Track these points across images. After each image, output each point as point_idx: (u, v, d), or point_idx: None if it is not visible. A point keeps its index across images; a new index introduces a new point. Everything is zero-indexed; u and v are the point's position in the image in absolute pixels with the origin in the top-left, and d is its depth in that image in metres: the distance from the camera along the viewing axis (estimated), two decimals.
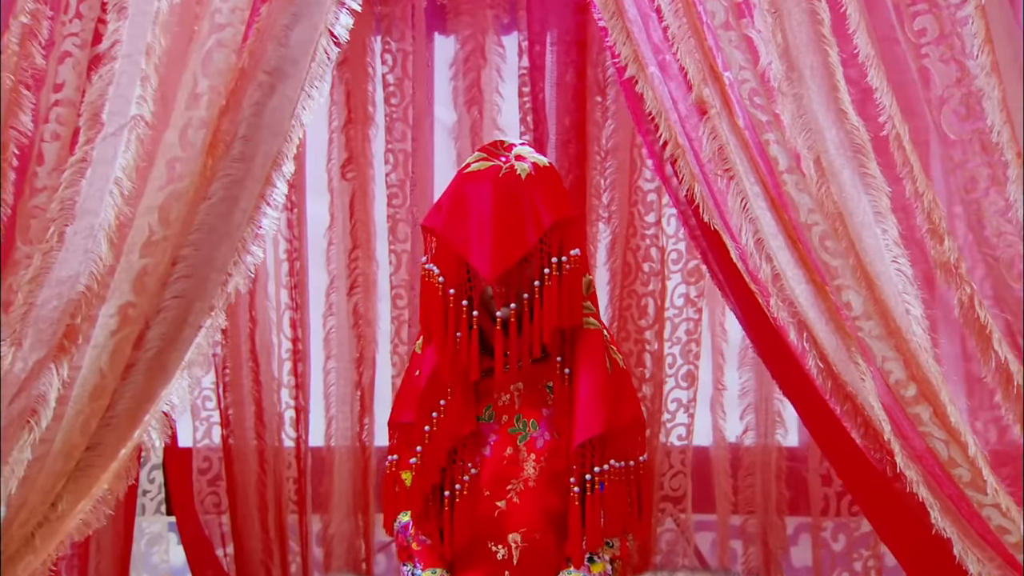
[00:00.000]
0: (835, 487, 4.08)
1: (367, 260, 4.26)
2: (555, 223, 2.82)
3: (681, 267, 4.11)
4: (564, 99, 4.12)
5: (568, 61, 4.12)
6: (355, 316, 4.25)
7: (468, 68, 4.21)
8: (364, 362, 4.26)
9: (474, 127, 4.21)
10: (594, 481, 2.84)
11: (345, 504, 4.29)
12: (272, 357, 4.30)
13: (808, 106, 2.77)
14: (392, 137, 4.24)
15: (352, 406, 4.28)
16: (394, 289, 4.25)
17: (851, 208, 2.75)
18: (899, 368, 2.72)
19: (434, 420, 2.88)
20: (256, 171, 2.93)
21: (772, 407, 4.09)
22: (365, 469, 4.28)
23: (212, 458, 4.39)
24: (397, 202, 4.24)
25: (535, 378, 2.91)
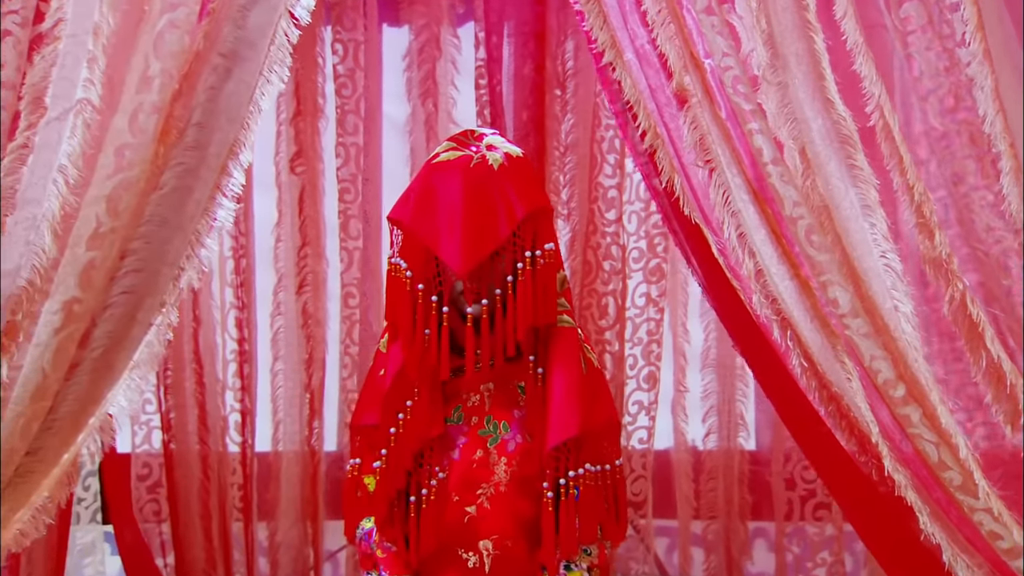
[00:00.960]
0: (799, 491, 4.00)
1: (317, 258, 4.12)
2: (529, 215, 2.69)
3: (643, 266, 4.01)
4: (522, 93, 4.01)
5: (526, 53, 4.01)
6: (304, 316, 4.11)
7: (422, 60, 4.09)
8: (314, 364, 4.11)
9: (429, 121, 4.08)
10: (569, 486, 2.71)
11: (293, 511, 4.15)
12: (216, 358, 4.16)
13: (793, 95, 2.67)
14: (344, 130, 4.10)
15: (301, 409, 4.13)
16: (345, 288, 4.12)
17: (837, 201, 2.65)
18: (888, 367, 2.62)
19: (400, 422, 2.75)
20: (211, 160, 2.79)
21: (735, 410, 4.00)
22: (314, 475, 4.14)
23: (152, 464, 4.23)
24: (349, 197, 4.11)
25: (506, 378, 2.78)
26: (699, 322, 4.00)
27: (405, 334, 2.71)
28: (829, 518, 3.96)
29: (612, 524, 2.76)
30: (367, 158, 4.08)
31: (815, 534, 4.00)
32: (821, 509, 3.98)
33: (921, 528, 2.61)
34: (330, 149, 4.12)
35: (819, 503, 3.98)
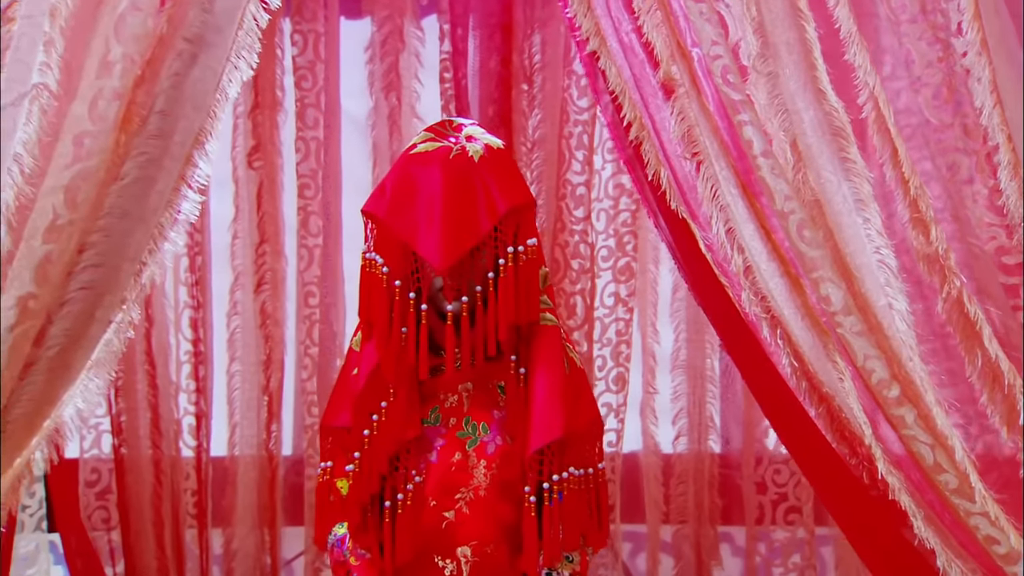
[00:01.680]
0: (770, 495, 3.93)
1: (276, 255, 4.01)
2: (511, 210, 2.59)
3: (611, 265, 3.93)
4: (487, 87, 3.92)
5: (492, 47, 3.92)
6: (262, 315, 4.00)
7: (385, 52, 3.99)
8: (272, 365, 4.00)
9: (392, 115, 3.98)
10: (552, 490, 2.61)
11: (250, 518, 4.03)
12: (170, 359, 4.04)
13: (784, 85, 2.59)
14: (303, 124, 4.00)
15: (258, 412, 4.02)
16: (305, 287, 4.01)
17: (829, 195, 2.57)
18: (881, 367, 2.54)
19: (374, 423, 2.63)
20: (175, 149, 2.68)
21: (705, 412, 3.92)
22: (272, 479, 4.02)
23: (101, 469, 4.11)
24: (309, 193, 4.01)
25: (486, 378, 2.67)
26: (669, 323, 3.93)
27: (381, 332, 2.60)
28: (800, 522, 3.90)
29: (595, 530, 2.67)
30: (327, 153, 3.99)
31: (786, 538, 3.93)
32: (792, 513, 3.92)
33: (915, 533, 2.53)
34: (289, 143, 4.01)
35: (790, 507, 3.92)
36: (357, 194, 3.98)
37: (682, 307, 3.92)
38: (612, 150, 3.92)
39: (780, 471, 3.91)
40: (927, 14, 2.59)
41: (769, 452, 3.90)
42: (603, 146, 3.92)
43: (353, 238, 3.98)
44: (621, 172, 3.91)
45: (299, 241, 4.00)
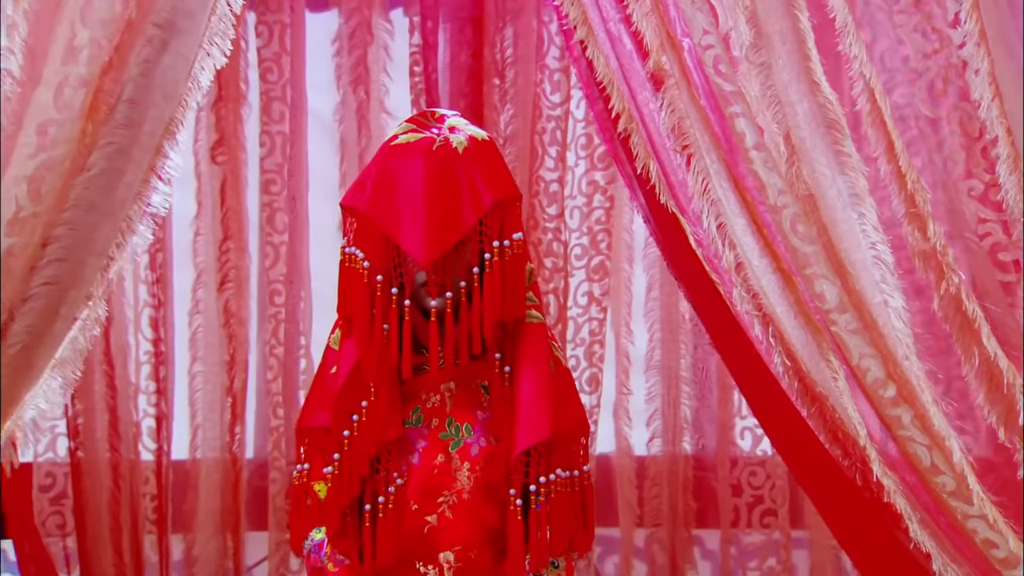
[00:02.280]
0: (746, 498, 3.86)
1: (240, 253, 3.90)
2: (496, 203, 2.51)
3: (585, 263, 3.85)
4: (458, 81, 3.83)
5: (462, 40, 3.83)
6: (226, 314, 3.89)
7: (353, 45, 3.90)
8: (236, 365, 3.89)
9: (360, 109, 3.89)
10: (539, 493, 2.52)
11: (212, 523, 3.92)
12: (129, 359, 3.92)
13: (777, 76, 2.52)
14: (268, 118, 3.89)
15: (222, 414, 3.91)
16: (270, 285, 3.90)
17: (823, 190, 2.51)
18: (877, 366, 2.48)
19: (354, 424, 2.54)
20: (144, 139, 2.61)
21: (680, 413, 3.85)
22: (236, 483, 3.91)
23: (56, 473, 3.98)
24: (274, 189, 3.91)
25: (469, 377, 2.59)
26: (643, 322, 3.85)
27: (362, 329, 2.51)
28: (776, 524, 3.83)
29: (581, 534, 2.59)
30: (293, 148, 3.89)
31: (762, 541, 3.86)
32: (768, 516, 3.85)
33: (911, 536, 2.47)
34: (253, 138, 3.91)
35: (766, 509, 3.85)
36: (324, 190, 3.91)
37: (656, 307, 3.85)
38: (586, 146, 3.85)
39: (756, 473, 3.85)
40: (921, 4, 2.54)
41: (745, 454, 3.84)
42: (576, 142, 3.85)
43: (320, 235, 3.90)
44: (595, 169, 3.84)
45: (264, 238, 3.89)
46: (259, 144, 3.89)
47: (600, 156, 3.84)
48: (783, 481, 3.79)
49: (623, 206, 3.85)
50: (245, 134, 3.90)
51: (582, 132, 3.85)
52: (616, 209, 3.84)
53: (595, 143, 3.83)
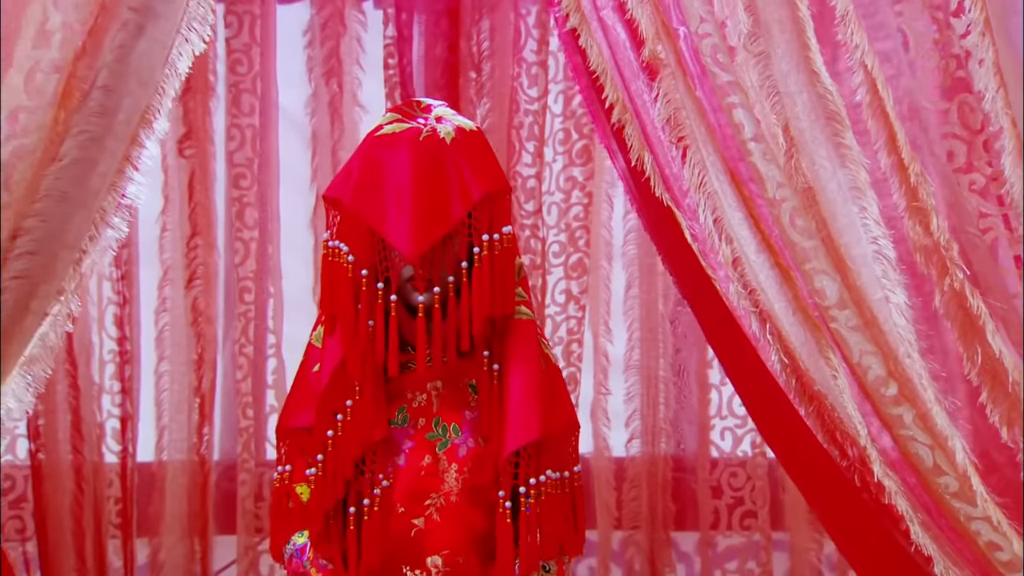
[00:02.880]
0: (726, 500, 3.80)
1: (208, 249, 3.82)
2: (485, 195, 2.43)
3: (563, 261, 3.78)
4: (433, 74, 3.77)
5: (438, 32, 3.76)
6: (194, 312, 3.81)
7: (325, 36, 3.82)
8: (204, 364, 3.80)
9: (333, 102, 3.81)
10: (529, 495, 2.44)
11: (179, 527, 3.82)
12: (92, 358, 3.83)
13: (776, 66, 2.46)
14: (238, 111, 3.81)
15: (189, 414, 3.82)
16: (240, 282, 3.82)
17: (823, 183, 2.45)
18: (878, 364, 2.42)
19: (339, 424, 2.45)
20: (119, 128, 2.53)
21: (659, 414, 3.78)
22: (204, 486, 3.82)
23: (16, 476, 3.88)
24: (244, 184, 3.82)
25: (456, 375, 2.51)
26: (622, 321, 3.78)
27: (346, 325, 2.43)
28: (757, 527, 3.77)
29: (572, 537, 2.51)
30: (263, 142, 3.82)
31: (742, 543, 3.80)
32: (749, 518, 3.79)
33: (911, 539, 2.41)
34: (222, 131, 3.80)
35: (747, 511, 3.79)
36: (294, 185, 3.83)
37: (635, 305, 3.78)
38: (564, 141, 3.79)
39: (736, 474, 3.79)
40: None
41: (725, 455, 3.78)
42: (554, 137, 3.78)
43: (291, 231, 3.82)
44: (573, 164, 3.77)
45: (233, 234, 3.81)
46: (228, 137, 3.80)
47: (578, 152, 3.77)
48: (763, 482, 3.74)
49: (601, 202, 3.79)
50: (213, 127, 3.81)
51: (560, 127, 3.78)
52: (594, 206, 3.78)
53: (573, 138, 3.77)
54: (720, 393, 3.76)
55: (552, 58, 3.77)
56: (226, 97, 3.80)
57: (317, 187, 3.81)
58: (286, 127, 3.83)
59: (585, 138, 3.76)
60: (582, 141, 3.76)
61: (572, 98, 3.77)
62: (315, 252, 3.79)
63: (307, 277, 3.80)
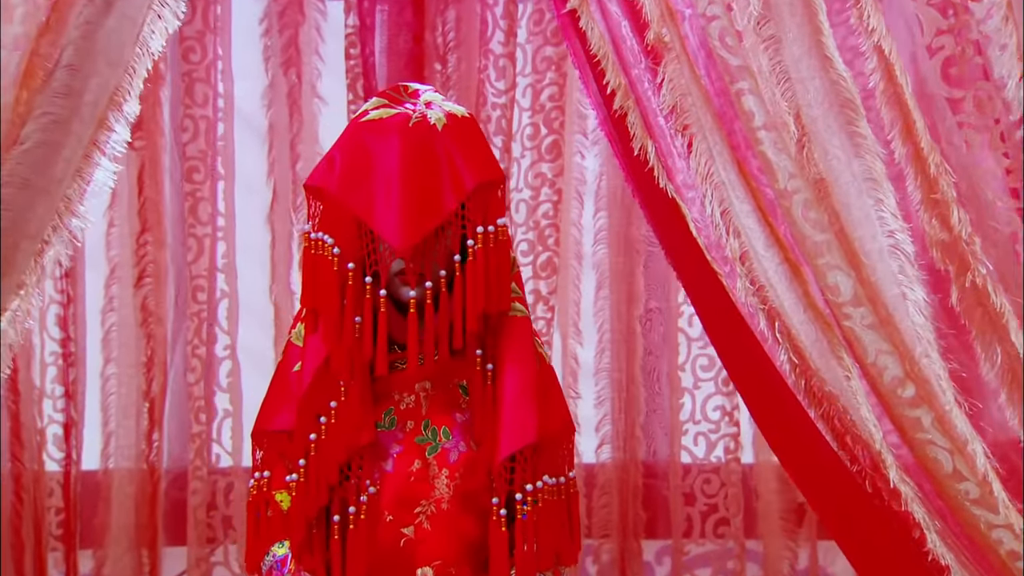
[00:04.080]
0: (699, 507, 3.69)
1: (159, 245, 3.66)
2: (479, 185, 2.31)
3: (532, 260, 3.65)
4: (396, 66, 3.62)
5: (401, 22, 3.62)
6: (144, 312, 3.64)
7: (284, 24, 3.68)
8: (154, 367, 3.64)
9: (292, 93, 3.66)
10: (525, 501, 2.31)
11: (125, 538, 3.65)
12: (33, 361, 3.66)
13: (787, 51, 2.34)
14: (192, 101, 3.65)
15: (138, 420, 3.65)
16: (194, 281, 3.65)
17: (837, 173, 2.33)
18: (895, 364, 2.31)
19: (322, 427, 2.31)
20: (85, 110, 2.40)
21: (630, 419, 3.66)
22: (153, 495, 3.65)
23: None
24: (197, 177, 3.67)
25: (446, 375, 2.37)
26: (592, 323, 3.66)
27: (331, 322, 2.29)
28: (730, 534, 3.66)
29: (569, 545, 2.38)
30: (217, 134, 3.66)
31: (715, 551, 3.69)
32: (722, 525, 3.68)
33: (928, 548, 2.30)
34: (176, 122, 3.62)
35: (721, 519, 3.68)
36: (251, 179, 3.67)
37: (606, 306, 3.66)
38: (532, 136, 3.67)
39: (710, 481, 3.68)
40: None
41: (699, 461, 3.66)
42: (522, 132, 3.66)
43: (247, 227, 3.64)
44: (542, 160, 3.65)
45: (186, 230, 3.64)
46: (180, 129, 3.63)
47: (548, 147, 3.65)
48: (737, 489, 3.63)
49: (571, 200, 3.67)
50: (165, 118, 3.63)
51: (528, 122, 3.66)
52: (564, 203, 3.66)
53: (542, 133, 3.65)
54: (693, 397, 3.65)
55: (520, 50, 3.65)
56: (179, 86, 3.63)
57: (274, 182, 3.66)
58: (243, 118, 3.66)
59: (554, 133, 3.64)
60: (551, 136, 3.64)
61: (541, 92, 3.66)
62: (272, 251, 3.64)
63: (263, 278, 3.64)
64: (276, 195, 3.65)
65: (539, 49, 3.67)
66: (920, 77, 2.33)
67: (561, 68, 3.65)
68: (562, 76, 3.65)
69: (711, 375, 3.63)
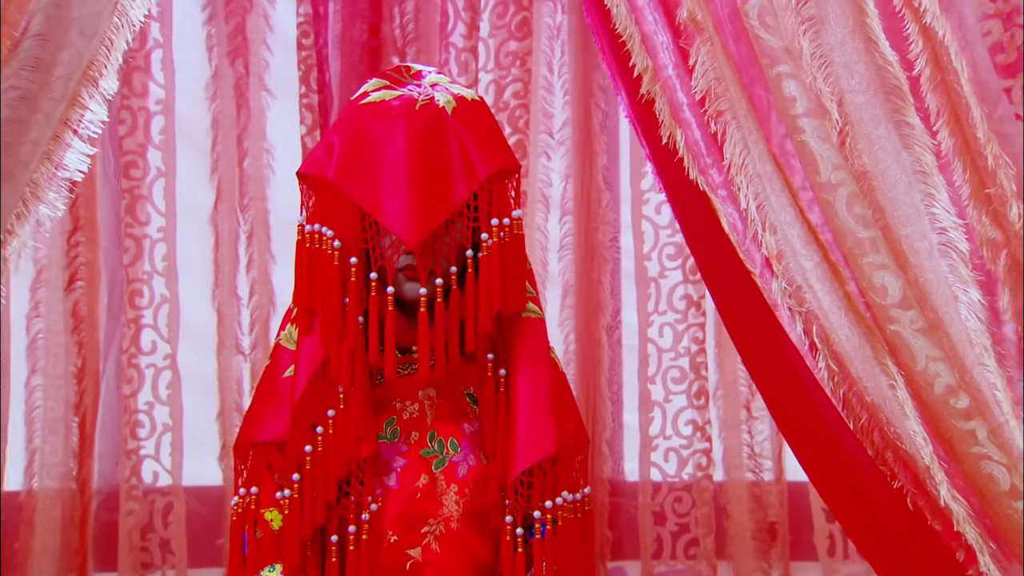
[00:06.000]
0: (669, 526, 3.50)
1: (92, 246, 3.38)
2: (493, 174, 2.12)
3: None
4: (351, 59, 3.39)
5: (356, 12, 3.40)
6: (75, 318, 3.37)
7: (230, 12, 3.45)
8: (86, 377, 3.37)
9: (239, 85, 3.43)
10: (546, 520, 2.11)
11: (51, 564, 3.36)
12: None
13: (830, 33, 2.17)
14: (130, 91, 3.40)
15: (67, 435, 3.37)
16: (131, 284, 3.39)
17: (883, 166, 2.17)
18: (947, 371, 2.14)
19: (319, 438, 2.08)
20: (55, 85, 2.19)
21: (598, 434, 3.47)
22: (83, 517, 3.38)
23: None
24: (136, 173, 3.41)
25: (452, 382, 2.17)
26: (558, 332, 3.46)
27: (332, 322, 2.07)
28: (703, 555, 3.48)
29: (589, 569, 2.19)
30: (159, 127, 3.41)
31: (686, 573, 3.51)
32: (693, 546, 3.50)
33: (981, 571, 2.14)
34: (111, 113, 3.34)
35: (692, 539, 3.50)
36: (195, 175, 3.42)
37: (571, 315, 3.46)
38: None
39: (681, 499, 3.49)
40: None
41: (669, 478, 3.48)
42: None
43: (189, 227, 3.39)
44: None
45: (124, 230, 3.38)
46: (117, 121, 3.37)
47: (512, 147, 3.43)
48: (709, 508, 3.45)
49: (536, 203, 3.47)
50: None
51: None
52: (529, 207, 3.46)
53: (506, 132, 3.44)
54: (664, 411, 3.47)
55: (483, 44, 3.46)
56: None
57: (218, 179, 3.41)
58: (186, 110, 3.42)
59: (519, 132, 3.45)
60: (516, 136, 3.45)
61: (504, 89, 3.47)
62: (216, 252, 3.39)
63: (204, 282, 3.38)
64: (220, 194, 3.41)
65: (503, 44, 3.48)
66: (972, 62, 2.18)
67: (526, 64, 3.46)
68: (527, 72, 3.46)
69: (682, 388, 3.46)
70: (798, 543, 3.47)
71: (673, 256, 3.44)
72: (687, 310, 3.44)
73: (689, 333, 3.43)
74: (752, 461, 3.44)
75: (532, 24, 3.46)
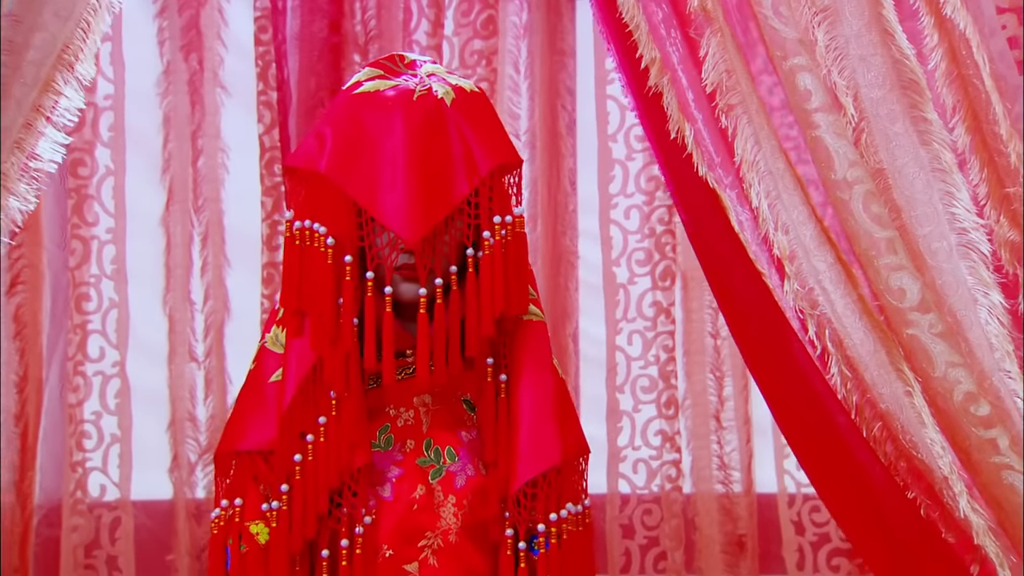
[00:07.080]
0: (639, 539, 3.40)
1: (36, 247, 3.23)
2: (496, 168, 2.01)
3: None
4: (310, 56, 3.26)
5: (316, 7, 3.27)
6: (17, 324, 3.24)
7: (183, 4, 3.32)
8: (28, 385, 3.21)
9: (193, 81, 3.30)
10: (550, 534, 2.00)
11: None
12: None
13: (846, 24, 2.09)
14: None
15: (7, 447, 3.20)
16: (78, 288, 3.25)
17: (900, 163, 2.09)
18: (967, 377, 2.07)
19: (309, 447, 1.96)
20: (27, 70, 2.09)
21: None
22: (24, 534, 3.22)
23: None
24: (84, 172, 3.28)
25: (448, 387, 2.05)
26: None
27: (325, 323, 1.95)
28: (672, 568, 3.39)
29: None
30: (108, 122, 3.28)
31: None
32: (663, 560, 3.40)
33: None
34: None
35: (661, 552, 3.40)
36: (146, 174, 3.28)
37: None
38: None
39: (651, 512, 3.40)
40: None
41: (638, 490, 3.38)
42: None
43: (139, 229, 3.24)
44: None
45: (71, 231, 3.23)
46: None
47: None
48: (679, 521, 3.36)
49: None
50: None
51: None
52: None
53: None
54: (632, 421, 3.37)
55: (447, 43, 3.36)
56: None
57: (170, 178, 3.26)
58: (139, 105, 3.27)
59: None
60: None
61: None
62: (167, 255, 3.24)
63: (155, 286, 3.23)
64: (172, 194, 3.27)
65: (468, 42, 3.38)
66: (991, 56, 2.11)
67: (491, 63, 3.36)
68: (492, 72, 3.36)
69: (651, 397, 3.36)
70: (767, 556, 3.39)
71: (642, 262, 3.35)
72: (656, 317, 3.35)
73: (658, 341, 3.35)
74: (722, 472, 3.36)
75: (498, 22, 3.36)
